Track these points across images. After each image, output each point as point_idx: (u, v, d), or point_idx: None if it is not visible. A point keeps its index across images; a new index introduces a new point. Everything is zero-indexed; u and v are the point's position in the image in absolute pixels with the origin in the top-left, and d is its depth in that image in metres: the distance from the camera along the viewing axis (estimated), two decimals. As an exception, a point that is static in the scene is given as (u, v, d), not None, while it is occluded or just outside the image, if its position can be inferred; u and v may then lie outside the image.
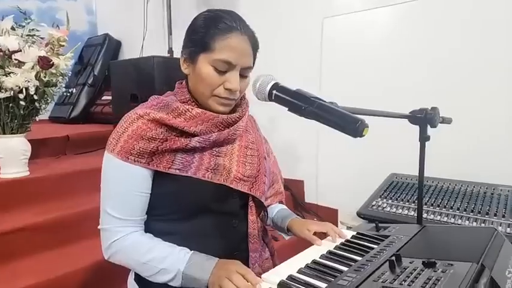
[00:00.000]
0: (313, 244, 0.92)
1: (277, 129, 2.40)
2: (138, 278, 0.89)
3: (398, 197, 1.66)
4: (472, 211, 1.44)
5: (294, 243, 1.85)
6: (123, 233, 0.83)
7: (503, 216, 1.38)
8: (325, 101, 0.66)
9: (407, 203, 1.59)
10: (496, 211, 1.41)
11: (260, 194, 0.92)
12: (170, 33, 2.69)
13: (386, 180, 1.86)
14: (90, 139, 2.60)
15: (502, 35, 1.65)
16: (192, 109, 0.85)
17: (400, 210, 1.55)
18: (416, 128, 1.05)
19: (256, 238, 0.93)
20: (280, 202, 1.12)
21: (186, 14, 2.99)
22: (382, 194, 1.71)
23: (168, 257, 0.80)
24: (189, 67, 0.87)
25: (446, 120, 1.16)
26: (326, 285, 0.69)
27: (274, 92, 0.72)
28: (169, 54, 2.67)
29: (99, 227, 0.86)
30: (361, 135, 0.60)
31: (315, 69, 2.27)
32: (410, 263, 0.73)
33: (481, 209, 1.45)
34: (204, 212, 0.87)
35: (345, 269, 0.76)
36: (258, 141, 1.00)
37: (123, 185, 0.83)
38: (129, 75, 2.53)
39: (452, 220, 1.41)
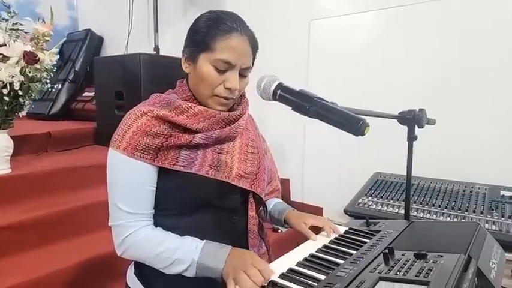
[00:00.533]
0: (308, 238, 0.95)
1: (265, 129, 2.41)
2: (139, 272, 0.89)
3: (383, 195, 1.72)
4: (453, 208, 1.52)
5: (287, 239, 1.89)
6: (136, 227, 0.84)
7: (482, 213, 1.46)
8: (327, 101, 0.69)
9: (391, 201, 1.66)
10: (475, 208, 1.49)
11: (260, 190, 0.94)
12: (157, 30, 2.66)
13: (370, 179, 1.93)
14: (72, 136, 2.54)
15: (485, 39, 1.74)
16: (194, 106, 0.87)
17: (386, 208, 1.61)
18: (399, 128, 1.11)
19: (256, 233, 0.95)
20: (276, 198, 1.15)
21: (173, 11, 2.98)
22: (368, 192, 1.76)
23: (181, 248, 0.81)
24: (190, 66, 0.88)
25: (431, 122, 1.22)
26: (325, 276, 0.72)
27: (279, 91, 0.74)
28: (155, 52, 2.64)
29: (109, 223, 0.86)
30: (362, 134, 0.63)
31: (302, 70, 2.31)
32: (402, 255, 0.77)
33: (461, 206, 1.53)
34: (206, 207, 0.89)
35: (341, 261, 0.79)
36: (257, 139, 1.03)
37: (132, 180, 0.83)
38: (113, 72, 2.49)
39: (435, 217, 1.48)
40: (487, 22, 1.72)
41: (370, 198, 1.72)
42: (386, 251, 0.77)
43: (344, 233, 0.99)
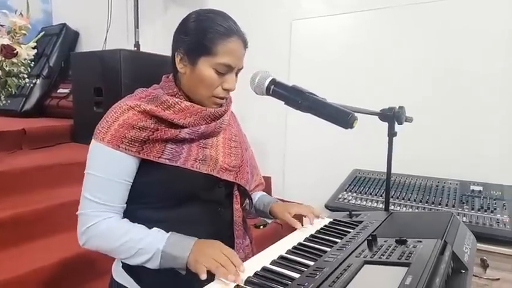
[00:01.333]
0: (293, 227, 0.99)
1: (246, 127, 2.44)
2: (128, 266, 0.90)
3: (362, 190, 1.79)
4: (427, 202, 1.61)
5: (269, 235, 1.92)
6: (100, 217, 0.84)
7: (453, 206, 1.56)
8: (318, 97, 0.73)
9: (370, 196, 1.73)
10: (447, 202, 1.59)
11: (245, 182, 0.97)
12: (137, 26, 2.63)
13: (350, 175, 1.99)
14: (48, 133, 2.47)
15: (458, 40, 1.84)
16: (181, 102, 0.89)
17: (365, 202, 1.68)
18: (377, 127, 1.17)
19: (240, 225, 0.98)
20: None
21: (153, 8, 2.95)
22: (347, 188, 1.83)
23: (146, 238, 0.81)
24: (186, 67, 0.89)
25: (408, 119, 1.29)
26: (314, 262, 0.76)
27: (272, 87, 0.77)
28: (135, 48, 2.61)
29: (77, 212, 0.86)
30: (351, 127, 0.67)
31: (284, 69, 2.35)
32: (384, 241, 0.82)
33: (434, 200, 1.62)
34: (191, 200, 0.90)
35: (328, 249, 0.83)
36: (239, 135, 1.07)
37: (106, 172, 0.84)
38: (92, 67, 2.43)
39: (411, 210, 1.56)
40: (462, 23, 1.83)
41: (349, 193, 1.78)
42: (370, 238, 0.82)
43: (329, 223, 1.03)
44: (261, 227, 2.04)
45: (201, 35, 0.86)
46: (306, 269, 0.73)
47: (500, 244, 1.37)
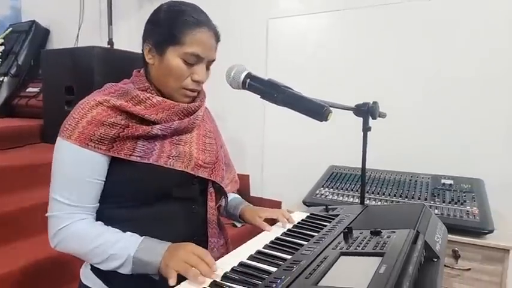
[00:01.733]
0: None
1: (223, 125, 2.43)
2: (97, 268, 0.86)
3: (339, 186, 1.82)
4: (401, 196, 1.65)
5: (246, 235, 1.91)
6: (71, 219, 0.81)
7: (426, 199, 1.60)
8: (294, 90, 0.73)
9: (346, 191, 1.76)
10: (420, 195, 1.63)
11: (220, 179, 0.96)
12: (111, 23, 2.56)
13: (326, 171, 2.02)
14: (17, 133, 2.37)
15: (428, 39, 1.90)
16: (152, 97, 0.86)
17: (341, 198, 1.71)
18: (352, 124, 1.19)
19: (215, 224, 0.96)
20: (235, 192, 1.17)
21: (127, 4, 2.89)
22: (324, 184, 1.85)
23: (118, 242, 0.79)
24: (154, 58, 0.88)
25: (382, 115, 1.32)
26: (291, 256, 0.76)
27: (248, 80, 0.77)
28: (109, 46, 2.54)
29: (46, 214, 0.83)
30: (326, 119, 0.68)
31: (261, 68, 2.36)
32: (360, 233, 0.83)
33: (407, 194, 1.66)
34: (165, 198, 0.88)
35: (305, 243, 0.84)
36: (214, 131, 1.05)
37: (76, 171, 0.81)
38: (64, 65, 2.35)
39: (385, 204, 1.59)
40: (436, 23, 1.89)
41: (326, 189, 1.80)
42: (346, 230, 0.83)
43: (306, 218, 1.04)
44: (239, 225, 2.03)
45: (169, 25, 0.84)
46: (283, 263, 0.73)
47: (470, 235, 1.42)
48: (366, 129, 1.14)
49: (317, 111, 0.69)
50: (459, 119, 1.86)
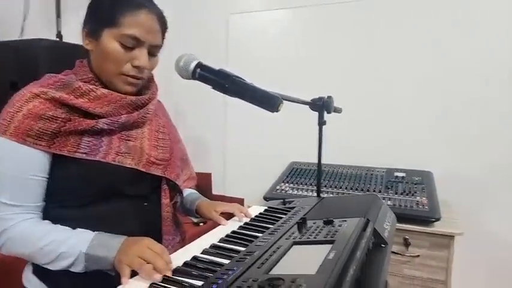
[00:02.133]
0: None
1: (184, 123, 2.41)
2: (40, 271, 0.81)
3: (299, 181, 1.85)
4: (357, 189, 1.71)
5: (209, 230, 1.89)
6: (15, 220, 0.76)
7: (380, 191, 1.68)
8: (246, 81, 0.73)
9: (305, 186, 1.79)
10: (375, 188, 1.70)
11: (175, 176, 0.93)
12: (59, 15, 2.44)
13: (287, 168, 2.05)
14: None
15: (386, 37, 1.99)
16: (96, 89, 0.81)
17: (301, 192, 1.74)
18: (312, 120, 1.21)
19: (170, 221, 0.93)
20: (192, 187, 1.15)
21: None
22: (285, 179, 1.88)
23: (68, 240, 0.74)
24: (91, 43, 0.83)
25: (337, 110, 1.36)
26: (244, 248, 0.76)
27: (198, 70, 0.75)
28: (58, 39, 2.41)
29: None
30: (277, 110, 0.68)
31: (222, 63, 2.33)
32: (313, 223, 0.85)
33: (363, 187, 1.72)
34: (115, 196, 0.84)
35: (259, 234, 0.84)
36: (168, 126, 1.01)
37: (15, 169, 0.76)
38: (6, 59, 2.19)
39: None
40: (391, 20, 1.98)
41: (287, 184, 1.83)
42: (300, 221, 0.84)
43: (264, 211, 1.04)
44: (201, 224, 2.01)
45: (106, 7, 0.81)
46: (236, 255, 0.73)
47: (419, 223, 1.50)
48: (321, 123, 1.17)
49: (268, 101, 0.69)
50: (412, 115, 1.96)
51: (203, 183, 2.39)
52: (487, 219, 1.86)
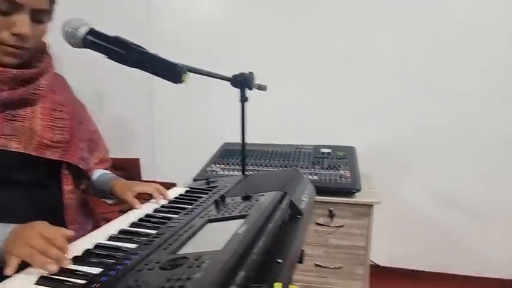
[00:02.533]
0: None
1: (106, 107, 2.24)
2: None
3: (229, 161, 1.83)
4: (286, 166, 1.74)
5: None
6: None
7: (307, 168, 1.72)
8: (146, 49, 0.67)
9: (236, 166, 1.78)
10: (303, 164, 1.75)
11: (77, 160, 0.85)
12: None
13: (219, 149, 2.02)
14: None
15: (308, 11, 2.00)
16: None
17: (231, 172, 1.72)
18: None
19: (75, 209, 0.85)
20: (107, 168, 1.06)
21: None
22: (216, 161, 1.85)
23: None
24: None
25: (262, 87, 1.35)
26: (157, 231, 0.71)
27: (90, 37, 0.67)
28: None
29: None
30: (181, 81, 0.63)
31: (145, 41, 2.20)
32: (232, 200, 0.83)
33: (292, 164, 1.76)
34: (2, 183, 0.74)
35: (175, 216, 0.80)
36: (68, 103, 0.90)
37: None
38: None
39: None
40: None
41: (217, 165, 1.80)
42: (219, 198, 0.82)
43: (185, 192, 1.00)
44: (110, 202, 1.90)
45: None
46: (146, 238, 0.68)
47: (342, 195, 1.58)
48: (244, 99, 1.15)
49: (171, 71, 0.64)
50: (337, 92, 2.04)
51: (130, 169, 2.26)
52: (403, 188, 2.03)
